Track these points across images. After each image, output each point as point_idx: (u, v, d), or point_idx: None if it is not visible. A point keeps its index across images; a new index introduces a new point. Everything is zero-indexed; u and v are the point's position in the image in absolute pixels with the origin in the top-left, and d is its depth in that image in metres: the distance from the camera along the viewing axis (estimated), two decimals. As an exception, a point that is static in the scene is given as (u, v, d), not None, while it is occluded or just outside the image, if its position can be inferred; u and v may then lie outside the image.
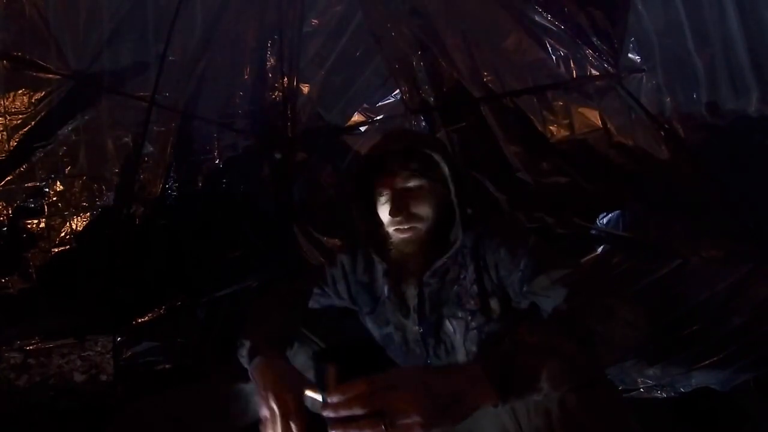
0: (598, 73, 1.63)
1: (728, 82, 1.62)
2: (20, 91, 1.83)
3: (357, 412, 0.66)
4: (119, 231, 1.89)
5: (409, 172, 1.02)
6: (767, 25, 1.60)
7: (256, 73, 2.08)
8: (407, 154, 1.03)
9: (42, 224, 1.88)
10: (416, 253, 1.06)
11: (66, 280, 1.86)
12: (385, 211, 1.05)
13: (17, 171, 1.85)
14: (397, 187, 1.03)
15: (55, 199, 1.90)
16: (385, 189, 1.04)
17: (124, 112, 1.94)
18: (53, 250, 1.88)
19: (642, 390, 1.55)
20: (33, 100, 1.84)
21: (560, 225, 1.64)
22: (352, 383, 0.69)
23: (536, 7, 1.63)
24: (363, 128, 2.14)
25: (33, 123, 1.84)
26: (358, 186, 1.10)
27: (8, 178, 1.84)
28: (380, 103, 2.15)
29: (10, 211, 1.85)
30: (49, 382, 1.73)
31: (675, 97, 1.64)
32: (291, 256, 1.98)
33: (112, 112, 1.94)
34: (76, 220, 1.91)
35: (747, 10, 1.60)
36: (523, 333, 0.73)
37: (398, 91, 1.98)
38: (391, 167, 1.03)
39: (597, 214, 1.63)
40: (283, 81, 2.06)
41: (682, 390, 1.52)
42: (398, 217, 1.02)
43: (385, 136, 1.09)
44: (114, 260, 1.86)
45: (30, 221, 1.87)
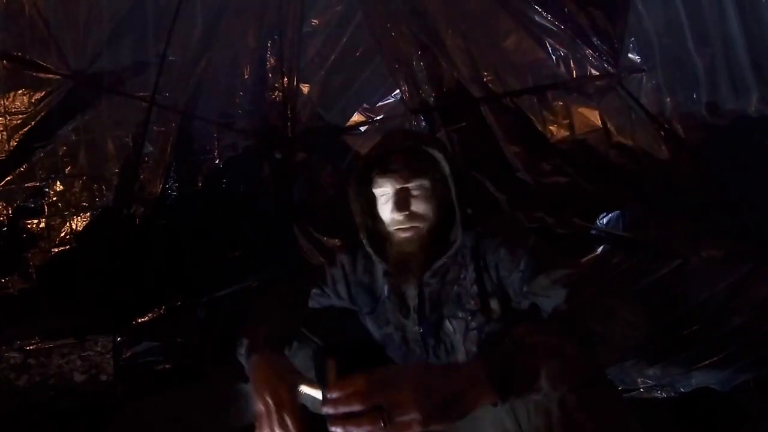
0: (598, 73, 1.63)
1: (728, 82, 1.62)
2: (20, 91, 1.83)
3: (356, 407, 0.66)
4: (119, 231, 1.89)
5: (411, 172, 1.02)
6: (767, 25, 1.60)
7: (256, 73, 2.08)
8: (408, 154, 1.04)
9: (42, 224, 1.88)
10: (417, 252, 1.06)
11: (66, 280, 1.86)
12: (387, 211, 1.05)
13: (17, 171, 1.85)
14: (398, 187, 1.03)
15: (55, 199, 1.89)
16: (386, 188, 1.04)
17: (124, 112, 1.94)
18: (53, 250, 1.88)
19: (642, 390, 1.55)
20: (33, 100, 1.84)
21: (560, 225, 1.64)
22: (351, 379, 0.69)
23: (536, 7, 1.63)
24: (363, 128, 2.13)
25: (33, 123, 1.84)
26: (358, 186, 1.11)
27: (8, 178, 1.84)
28: (380, 103, 2.14)
29: (10, 211, 1.85)
30: (49, 382, 1.73)
31: (675, 97, 1.63)
32: (291, 256, 1.98)
33: (112, 112, 1.94)
34: (76, 220, 1.91)
35: (747, 10, 1.60)
36: (523, 333, 0.73)
37: (398, 91, 1.98)
38: (392, 166, 1.03)
39: (597, 214, 1.63)
40: (283, 81, 2.06)
41: (682, 390, 1.52)
42: (400, 216, 1.02)
43: (386, 136, 1.10)
44: (114, 260, 1.86)
45: (30, 221, 1.87)
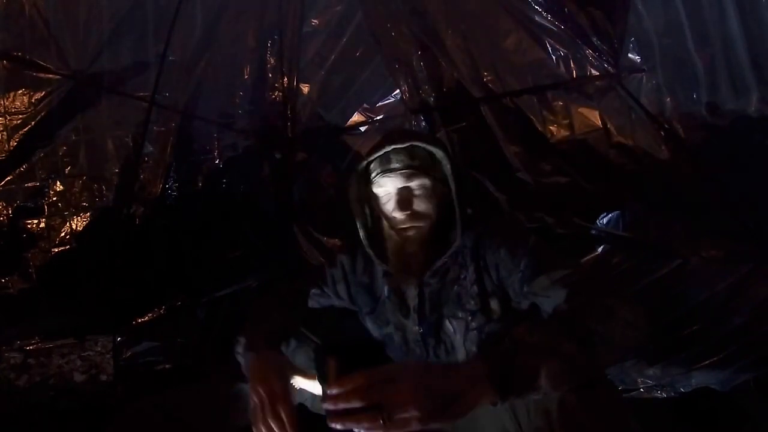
0: (598, 73, 1.64)
1: (728, 82, 1.62)
2: (20, 91, 1.83)
3: (355, 404, 0.66)
4: (119, 231, 1.89)
5: (413, 170, 1.02)
6: (767, 25, 1.60)
7: (256, 73, 2.08)
8: (409, 152, 1.03)
9: (42, 224, 1.88)
10: (418, 252, 1.06)
11: (66, 280, 1.86)
12: (389, 211, 1.04)
13: (17, 171, 1.85)
14: (400, 186, 1.03)
15: (55, 199, 1.90)
16: (388, 188, 1.04)
17: (124, 112, 1.94)
18: (53, 250, 1.88)
19: (642, 390, 1.55)
20: (33, 100, 1.84)
21: (560, 225, 1.64)
22: (351, 376, 0.69)
23: (536, 7, 1.63)
24: (363, 128, 2.13)
25: (33, 123, 1.84)
26: (358, 186, 1.10)
27: (8, 178, 1.84)
28: (380, 103, 2.14)
29: (10, 211, 1.85)
30: (49, 382, 1.73)
31: (675, 97, 1.64)
32: (291, 256, 1.98)
33: (112, 112, 1.94)
34: (76, 220, 1.91)
35: (747, 10, 1.60)
36: (523, 332, 0.73)
37: (398, 91, 1.98)
38: (393, 165, 1.03)
39: (597, 214, 1.63)
40: (283, 81, 2.06)
41: (682, 390, 1.52)
42: (402, 215, 1.02)
43: (386, 135, 1.09)
44: (114, 260, 1.86)
45: (30, 221, 1.88)
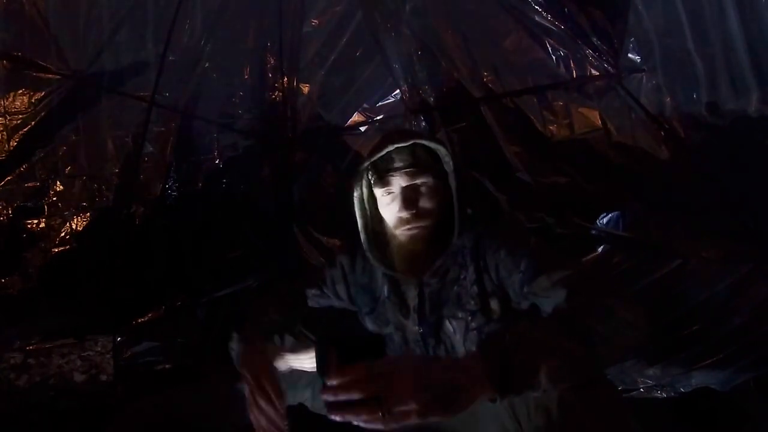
0: (598, 73, 1.64)
1: (728, 82, 1.62)
2: (20, 91, 1.83)
3: (355, 396, 0.66)
4: (119, 231, 1.89)
5: (416, 169, 1.02)
6: (767, 25, 1.60)
7: (256, 73, 2.09)
8: (411, 151, 1.03)
9: (42, 224, 1.88)
10: (422, 251, 1.05)
11: (66, 280, 1.86)
12: (393, 211, 1.04)
13: (17, 171, 1.85)
14: (404, 185, 1.02)
15: (55, 199, 1.89)
16: (391, 187, 1.03)
17: (124, 112, 1.94)
18: (53, 250, 1.88)
19: (642, 390, 1.55)
20: (33, 100, 1.83)
21: (560, 225, 1.64)
22: (351, 368, 0.69)
23: (536, 7, 1.63)
24: (363, 128, 2.14)
25: (33, 123, 1.84)
26: (360, 188, 1.10)
27: (8, 178, 1.84)
28: (380, 103, 2.14)
29: (10, 211, 1.85)
30: (49, 382, 1.73)
31: (675, 97, 1.63)
32: (291, 256, 1.98)
33: (112, 112, 1.93)
34: (76, 220, 1.90)
35: (747, 10, 1.60)
36: (523, 329, 0.73)
37: (398, 91, 1.98)
38: (397, 165, 1.02)
39: (597, 214, 1.63)
40: (283, 81, 2.07)
41: (682, 390, 1.52)
42: (408, 214, 1.01)
43: (385, 135, 1.08)
44: (114, 260, 1.86)
45: (30, 221, 1.87)
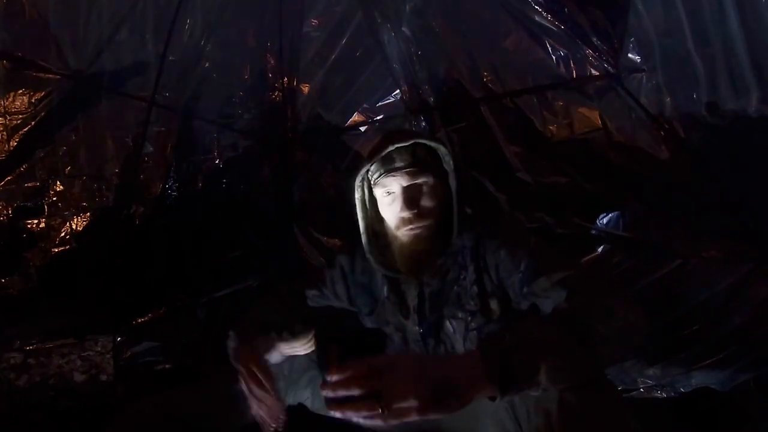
0: (598, 73, 1.64)
1: (728, 82, 1.62)
2: (20, 91, 1.83)
3: (354, 392, 0.66)
4: (119, 231, 1.89)
5: (417, 168, 1.02)
6: (767, 25, 1.60)
7: (256, 73, 2.08)
8: (412, 151, 1.03)
9: (42, 224, 1.88)
10: (425, 251, 1.05)
11: (66, 280, 1.86)
12: (395, 211, 1.03)
13: (17, 171, 1.85)
14: (405, 185, 1.02)
15: (55, 199, 1.89)
16: (392, 188, 1.03)
17: (124, 112, 1.94)
18: (53, 250, 1.88)
19: (642, 390, 1.55)
20: (33, 100, 1.83)
21: (560, 225, 1.65)
22: (351, 363, 0.69)
23: (536, 7, 1.63)
24: (363, 128, 2.13)
25: (33, 123, 1.83)
26: (362, 189, 1.09)
27: (8, 178, 1.84)
28: (380, 103, 2.14)
29: (10, 211, 1.85)
30: (49, 382, 1.73)
31: (675, 97, 1.63)
32: (291, 256, 1.98)
33: (112, 112, 1.93)
34: (76, 220, 1.90)
35: (747, 10, 1.59)
36: (524, 329, 0.73)
37: (398, 91, 1.98)
38: (397, 165, 1.02)
39: (597, 214, 1.63)
40: (283, 81, 2.07)
41: (682, 390, 1.52)
42: (409, 214, 1.00)
43: (386, 135, 1.08)
44: (114, 260, 1.86)
45: (30, 221, 1.87)
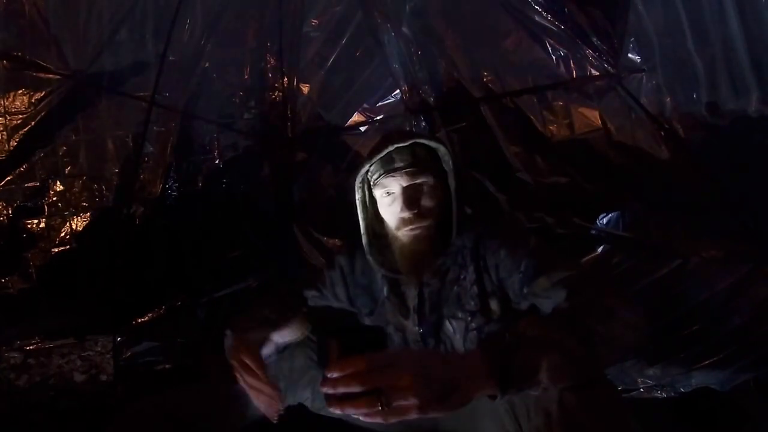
0: (598, 73, 1.64)
1: (728, 82, 1.62)
2: (20, 91, 1.83)
3: (354, 389, 0.66)
4: (119, 231, 1.89)
5: (417, 168, 1.02)
6: (767, 25, 1.60)
7: (256, 73, 2.08)
8: (411, 151, 1.03)
9: (42, 224, 1.88)
10: (425, 251, 1.05)
11: (66, 280, 1.86)
12: (395, 211, 1.03)
13: (17, 171, 1.85)
14: (405, 185, 1.02)
15: (55, 199, 1.89)
16: (392, 188, 1.03)
17: (124, 112, 1.94)
18: (53, 250, 1.88)
19: (642, 390, 1.55)
20: (33, 100, 1.84)
21: (560, 225, 1.64)
22: (352, 360, 0.69)
23: (536, 7, 1.63)
24: (363, 128, 2.13)
25: (33, 123, 1.84)
26: (362, 190, 1.09)
27: (8, 178, 1.84)
28: (380, 103, 2.13)
29: (10, 211, 1.85)
30: (49, 382, 1.73)
31: (675, 97, 1.63)
32: (291, 256, 1.98)
33: (112, 112, 1.93)
34: (76, 220, 1.91)
35: (747, 10, 1.59)
36: (524, 327, 0.73)
37: (398, 91, 1.98)
38: (397, 165, 1.02)
39: (597, 214, 1.63)
40: (283, 81, 2.06)
41: (682, 390, 1.52)
42: (410, 214, 1.00)
43: (386, 135, 1.08)
44: (114, 260, 1.86)
45: (30, 221, 1.87)
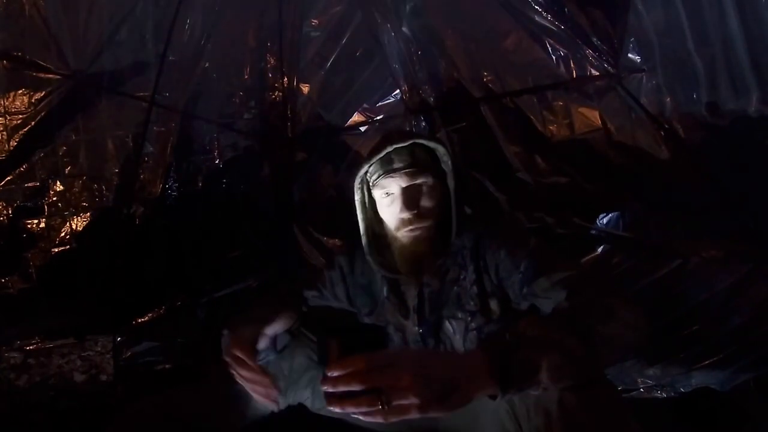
0: (598, 73, 1.64)
1: (728, 82, 1.62)
2: (20, 91, 1.83)
3: (355, 387, 0.66)
4: (119, 231, 1.89)
5: (416, 169, 1.01)
6: (767, 25, 1.60)
7: (256, 73, 2.08)
8: (410, 151, 1.03)
9: (42, 224, 1.88)
10: (425, 253, 1.05)
11: (66, 280, 1.86)
12: (394, 212, 1.03)
13: (17, 171, 1.85)
14: (404, 185, 1.02)
15: (55, 199, 1.89)
16: (391, 188, 1.03)
17: (124, 112, 1.94)
18: (53, 250, 1.88)
19: (642, 390, 1.55)
20: (33, 100, 1.84)
21: (560, 225, 1.64)
22: (352, 359, 0.68)
23: (536, 7, 1.63)
24: (363, 128, 2.13)
25: (33, 123, 1.84)
26: (361, 191, 1.09)
27: (8, 178, 1.84)
28: (380, 103, 2.13)
29: (10, 211, 1.85)
30: (49, 382, 1.73)
31: (675, 97, 1.63)
32: (291, 256, 1.98)
33: (112, 112, 1.93)
34: (76, 220, 1.90)
35: (747, 10, 1.59)
36: (525, 326, 0.73)
37: (398, 91, 1.98)
38: (396, 165, 1.02)
39: (597, 214, 1.63)
40: (283, 81, 2.06)
41: (682, 390, 1.52)
42: (409, 215, 1.00)
43: (385, 136, 1.08)
44: (114, 260, 1.86)
45: (30, 221, 1.87)
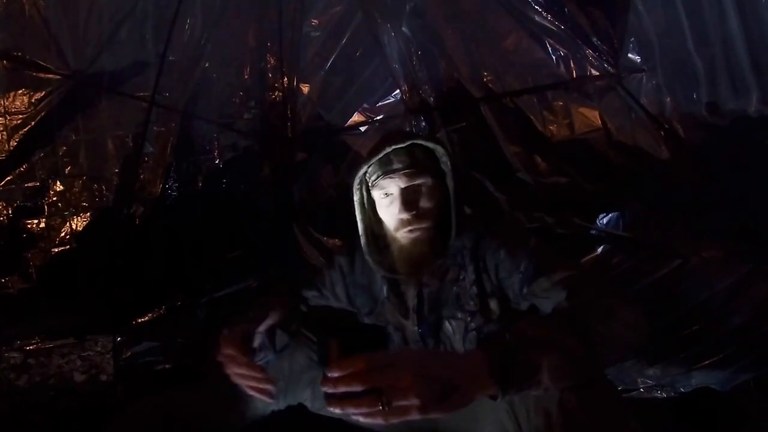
0: (598, 73, 1.64)
1: (728, 82, 1.62)
2: (20, 91, 1.83)
3: (355, 388, 0.66)
4: (119, 231, 1.89)
5: (415, 169, 1.01)
6: (767, 25, 1.60)
7: (256, 73, 2.08)
8: (409, 152, 1.03)
9: (42, 224, 1.88)
10: (425, 253, 1.04)
11: (66, 280, 1.86)
12: (393, 213, 1.03)
13: (17, 171, 1.85)
14: (403, 186, 1.02)
15: (55, 199, 1.90)
16: (390, 189, 1.03)
17: (124, 112, 1.94)
18: (53, 250, 1.88)
19: (642, 390, 1.54)
20: (33, 100, 1.84)
21: (560, 225, 1.64)
22: (352, 359, 0.68)
23: (536, 7, 1.63)
24: (363, 128, 2.13)
25: (33, 123, 1.84)
26: (360, 191, 1.09)
27: (8, 178, 1.84)
28: (380, 103, 2.14)
29: (10, 211, 1.85)
30: (49, 382, 1.73)
31: (675, 97, 1.63)
32: (291, 256, 1.98)
33: (112, 112, 1.94)
34: (76, 220, 1.91)
35: (747, 10, 1.60)
36: (525, 326, 0.73)
37: (398, 91, 1.98)
38: (395, 166, 1.02)
39: (597, 214, 1.63)
40: (283, 81, 2.06)
41: (682, 390, 1.52)
42: (408, 216, 1.00)
43: (384, 136, 1.08)
44: (114, 260, 1.86)
45: (30, 221, 1.88)
